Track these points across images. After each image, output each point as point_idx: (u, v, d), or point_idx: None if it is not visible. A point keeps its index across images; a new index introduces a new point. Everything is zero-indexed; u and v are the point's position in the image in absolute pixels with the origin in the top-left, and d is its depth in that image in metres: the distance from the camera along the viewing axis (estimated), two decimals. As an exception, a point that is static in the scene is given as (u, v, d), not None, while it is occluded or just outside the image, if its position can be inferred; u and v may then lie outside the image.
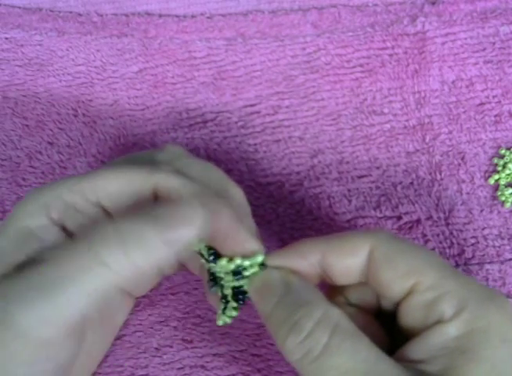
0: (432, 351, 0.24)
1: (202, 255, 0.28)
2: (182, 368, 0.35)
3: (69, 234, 0.26)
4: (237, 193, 0.29)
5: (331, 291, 0.28)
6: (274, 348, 0.35)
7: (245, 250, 0.26)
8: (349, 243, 0.26)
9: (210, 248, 0.27)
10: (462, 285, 0.24)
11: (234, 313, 0.28)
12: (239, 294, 0.27)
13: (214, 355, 0.34)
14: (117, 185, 0.26)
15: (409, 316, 0.25)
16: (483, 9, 0.41)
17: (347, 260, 0.26)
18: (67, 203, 0.25)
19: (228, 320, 0.28)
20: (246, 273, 0.26)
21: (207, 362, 0.35)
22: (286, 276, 0.26)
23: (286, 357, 0.25)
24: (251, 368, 0.34)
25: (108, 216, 0.27)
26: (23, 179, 0.39)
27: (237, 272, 0.26)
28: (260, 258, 0.26)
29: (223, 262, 0.26)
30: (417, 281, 0.24)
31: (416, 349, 0.24)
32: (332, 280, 0.27)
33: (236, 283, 0.27)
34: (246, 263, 0.26)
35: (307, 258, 0.26)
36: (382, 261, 0.25)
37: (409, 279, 0.25)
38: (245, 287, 0.27)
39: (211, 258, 0.27)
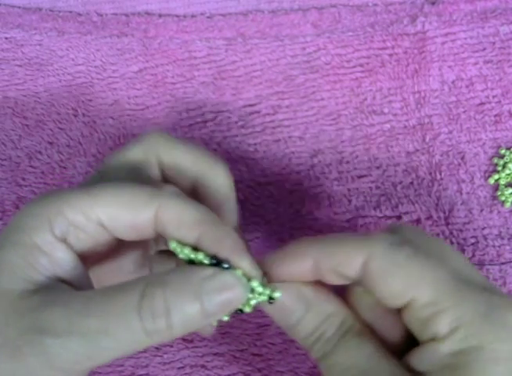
0: (427, 365, 0.24)
1: (190, 259, 0.26)
2: (182, 368, 0.35)
3: (73, 251, 0.26)
4: (219, 175, 0.29)
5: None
6: (274, 347, 0.35)
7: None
8: (342, 252, 0.25)
9: (208, 255, 0.25)
10: (457, 303, 0.24)
11: (225, 318, 0.27)
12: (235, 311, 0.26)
13: (215, 354, 0.34)
14: (117, 206, 0.25)
15: (409, 326, 0.25)
16: (483, 8, 0.41)
17: (339, 269, 0.25)
18: (69, 220, 0.25)
19: (215, 323, 0.27)
20: (252, 302, 0.25)
21: (208, 361, 0.35)
22: (302, 295, 0.26)
23: (311, 356, 0.26)
24: (252, 368, 0.34)
25: (109, 235, 0.26)
26: (23, 179, 0.39)
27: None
28: (256, 285, 0.25)
29: (239, 273, 0.25)
30: (412, 298, 0.24)
31: (414, 360, 0.25)
32: (329, 281, 0.27)
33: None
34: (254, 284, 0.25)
35: (300, 264, 0.26)
36: (376, 276, 0.24)
37: (404, 296, 0.24)
38: (242, 307, 0.26)
39: (213, 260, 0.25)
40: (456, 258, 0.26)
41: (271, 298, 0.26)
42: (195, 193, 0.30)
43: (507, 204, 0.37)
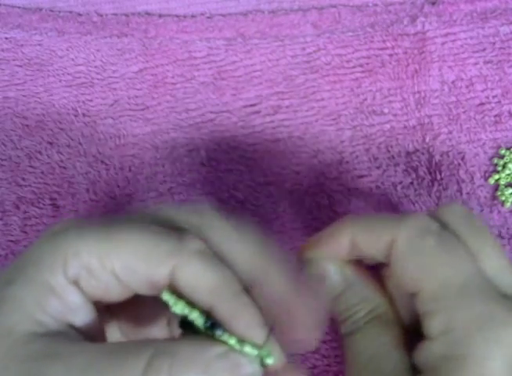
0: (421, 364, 0.24)
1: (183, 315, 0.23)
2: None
3: (86, 297, 0.24)
4: (277, 279, 0.25)
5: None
6: None
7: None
8: (372, 229, 0.27)
9: (202, 315, 0.23)
10: (456, 307, 0.23)
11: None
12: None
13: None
14: (133, 257, 0.23)
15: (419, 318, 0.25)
16: (483, 9, 0.41)
17: (366, 246, 0.27)
18: (83, 263, 0.23)
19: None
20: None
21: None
22: (344, 273, 0.28)
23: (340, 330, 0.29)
24: (251, 368, 0.34)
25: (122, 286, 0.24)
26: (23, 179, 0.39)
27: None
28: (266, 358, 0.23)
29: (232, 341, 0.22)
30: (419, 289, 0.24)
31: (414, 355, 0.25)
32: (363, 257, 0.28)
33: None
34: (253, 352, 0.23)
35: (338, 240, 0.28)
36: (396, 258, 0.25)
37: (413, 285, 0.25)
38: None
39: (207, 324, 0.23)
40: (489, 257, 0.25)
41: (262, 364, 0.23)
42: None
43: (507, 204, 0.37)
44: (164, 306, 0.23)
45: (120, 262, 0.23)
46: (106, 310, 0.26)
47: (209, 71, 0.41)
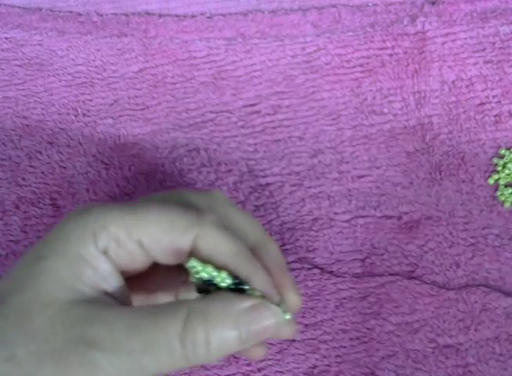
0: None
1: (206, 280, 0.26)
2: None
3: (115, 266, 0.26)
4: (273, 248, 0.29)
5: None
6: (274, 347, 0.35)
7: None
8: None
9: (230, 274, 0.26)
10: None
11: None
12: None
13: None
14: (158, 227, 0.26)
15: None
16: (483, 8, 0.41)
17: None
18: (111, 235, 0.25)
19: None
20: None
21: (207, 362, 0.35)
22: None
23: None
24: (251, 368, 0.34)
25: (146, 256, 0.27)
26: (23, 179, 0.39)
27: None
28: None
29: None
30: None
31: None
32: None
33: None
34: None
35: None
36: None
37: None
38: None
39: (236, 280, 0.26)
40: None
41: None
42: None
43: (507, 204, 0.37)
44: (187, 273, 0.26)
45: (146, 233, 0.26)
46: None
47: (209, 71, 0.41)
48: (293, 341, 0.35)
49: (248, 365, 0.34)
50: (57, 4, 0.43)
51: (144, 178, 0.39)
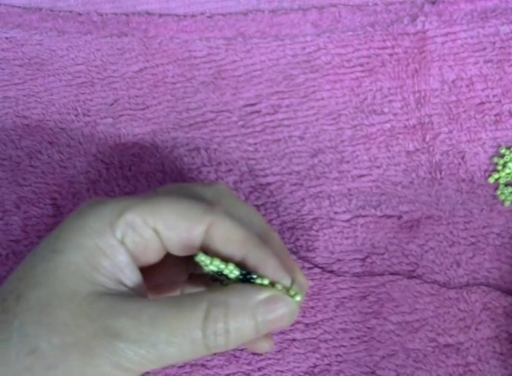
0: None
1: (217, 272, 0.27)
2: (182, 366, 0.35)
3: (131, 255, 0.27)
4: (276, 236, 0.30)
5: None
6: (274, 347, 0.35)
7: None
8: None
9: (237, 266, 0.27)
10: None
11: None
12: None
13: (215, 353, 0.34)
14: (173, 215, 0.26)
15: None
16: (483, 8, 0.41)
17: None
18: (127, 222, 0.26)
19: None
20: None
21: (208, 360, 0.35)
22: None
23: None
24: (251, 367, 0.34)
25: (161, 246, 0.27)
26: (24, 179, 0.39)
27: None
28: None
29: (266, 282, 0.27)
30: None
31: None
32: None
33: None
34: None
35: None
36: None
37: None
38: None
39: (243, 271, 0.27)
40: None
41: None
42: None
43: (507, 203, 0.37)
44: (192, 268, 0.29)
45: (161, 220, 0.26)
46: None
47: (209, 71, 0.41)
48: (294, 340, 0.35)
49: (248, 364, 0.34)
50: (57, 4, 0.43)
51: (144, 178, 0.39)
